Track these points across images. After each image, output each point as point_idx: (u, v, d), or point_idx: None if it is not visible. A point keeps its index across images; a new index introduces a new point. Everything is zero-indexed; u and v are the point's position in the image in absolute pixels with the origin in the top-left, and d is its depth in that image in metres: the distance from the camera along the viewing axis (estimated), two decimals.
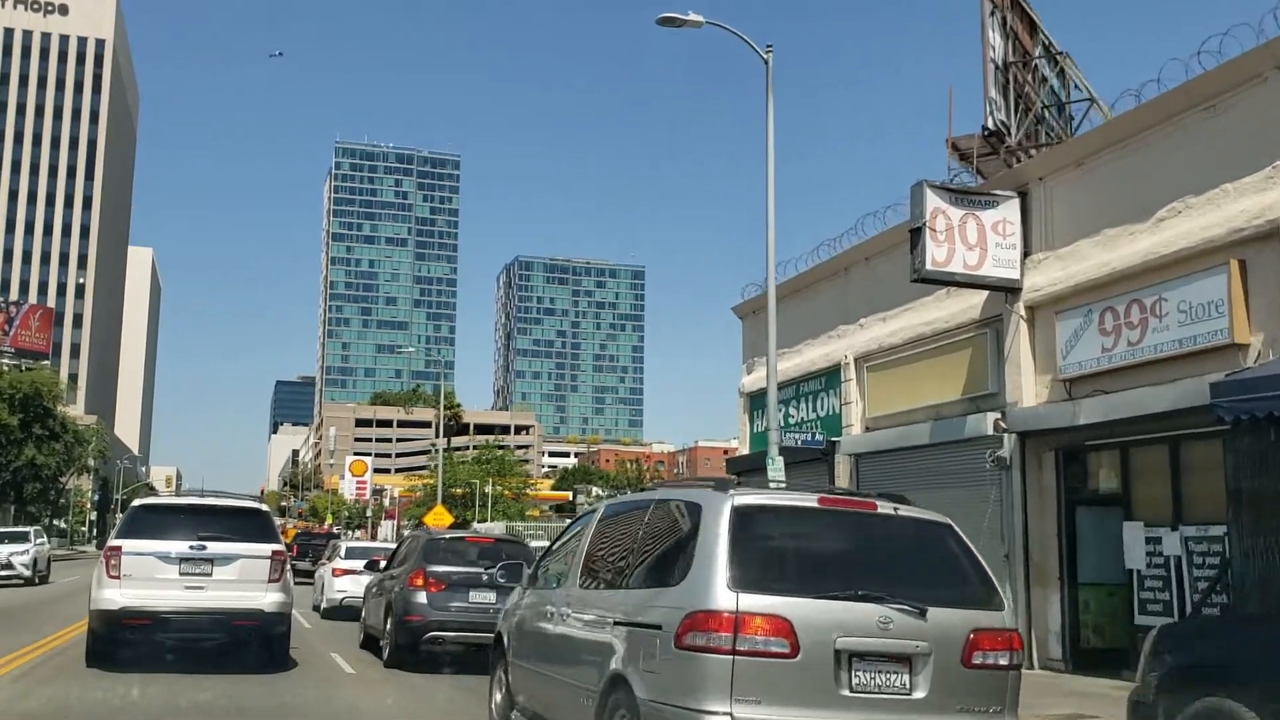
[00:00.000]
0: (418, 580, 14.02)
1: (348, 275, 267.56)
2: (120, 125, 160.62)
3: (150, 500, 15.10)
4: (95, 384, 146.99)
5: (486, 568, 13.11)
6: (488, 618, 12.32)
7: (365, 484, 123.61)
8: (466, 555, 14.56)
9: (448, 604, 13.71)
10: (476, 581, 13.59)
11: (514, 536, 22.82)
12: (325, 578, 21.61)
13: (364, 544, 30.13)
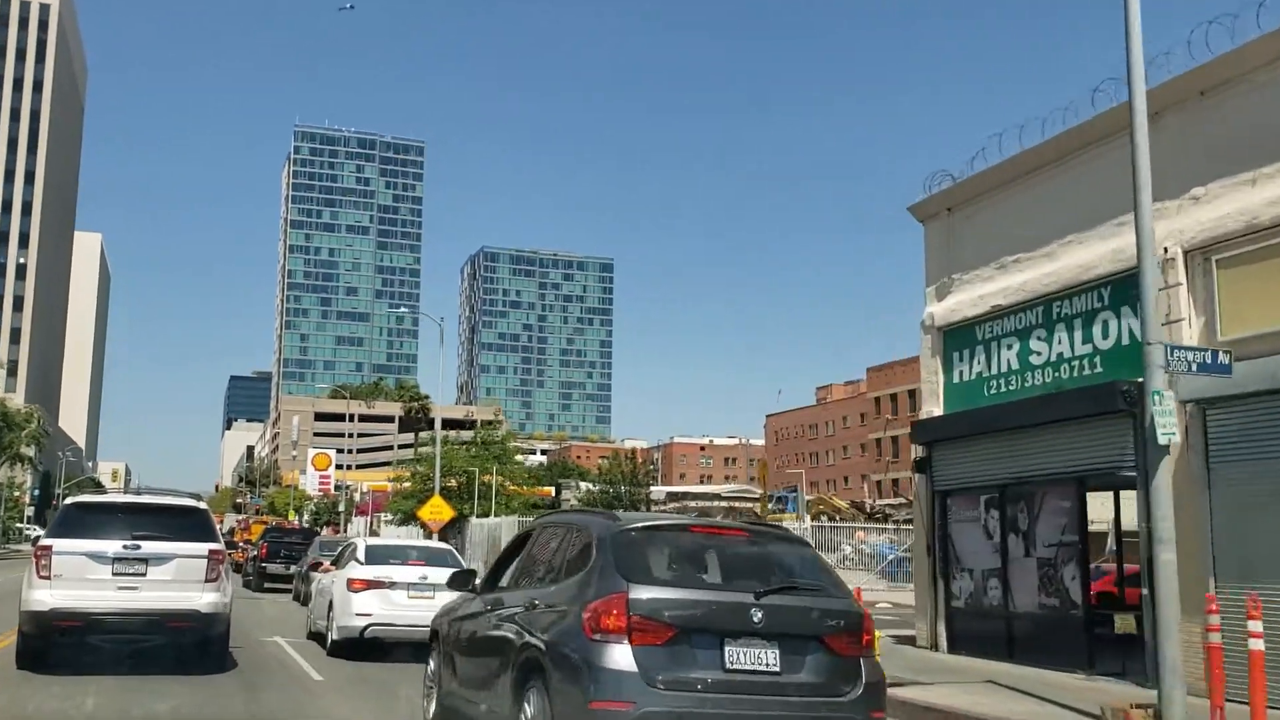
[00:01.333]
0: None
1: (306, 264, 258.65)
2: (66, 97, 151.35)
3: (84, 498, 14.59)
4: (37, 372, 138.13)
5: None
6: None
7: (329, 478, 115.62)
8: None
9: None
10: None
11: None
12: (334, 592, 14.67)
13: (399, 542, 22.77)
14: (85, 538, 12.04)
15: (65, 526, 12.37)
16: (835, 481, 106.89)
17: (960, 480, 15.94)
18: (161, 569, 12.04)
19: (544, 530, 8.42)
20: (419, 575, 14.59)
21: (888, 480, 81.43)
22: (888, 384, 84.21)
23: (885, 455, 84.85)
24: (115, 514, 12.75)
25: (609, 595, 6.48)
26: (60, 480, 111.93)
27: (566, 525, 8.00)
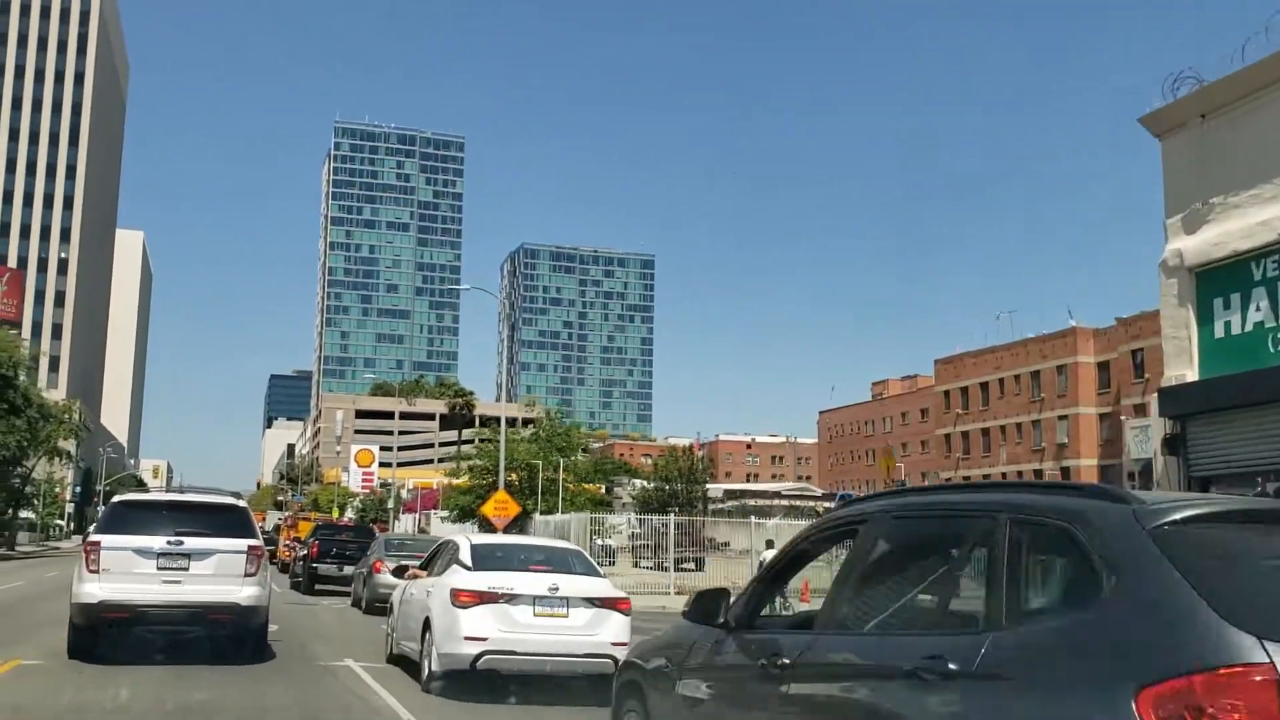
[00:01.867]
0: None
1: (347, 261, 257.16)
2: (107, 91, 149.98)
3: (130, 496, 15.18)
4: (78, 368, 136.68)
5: None
6: None
7: (372, 475, 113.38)
8: None
9: None
10: None
11: None
12: (433, 607, 11.32)
13: (515, 540, 18.30)
14: (131, 534, 12.60)
15: (112, 523, 12.93)
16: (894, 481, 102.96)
17: (1229, 463, 12.33)
18: (203, 564, 12.56)
19: (901, 523, 4.71)
20: (547, 585, 11.25)
21: (958, 479, 77.32)
22: (957, 377, 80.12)
23: (955, 451, 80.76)
24: (159, 511, 13.34)
25: (1219, 665, 2.92)
26: (101, 477, 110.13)
27: (982, 511, 4.18)
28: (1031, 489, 4.26)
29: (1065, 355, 69.77)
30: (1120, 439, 64.79)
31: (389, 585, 23.01)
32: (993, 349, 76.77)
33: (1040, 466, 68.37)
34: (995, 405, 76.07)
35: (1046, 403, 71.19)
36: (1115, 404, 65.97)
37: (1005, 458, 74.45)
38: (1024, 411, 73.31)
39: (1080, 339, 68.90)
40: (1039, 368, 71.91)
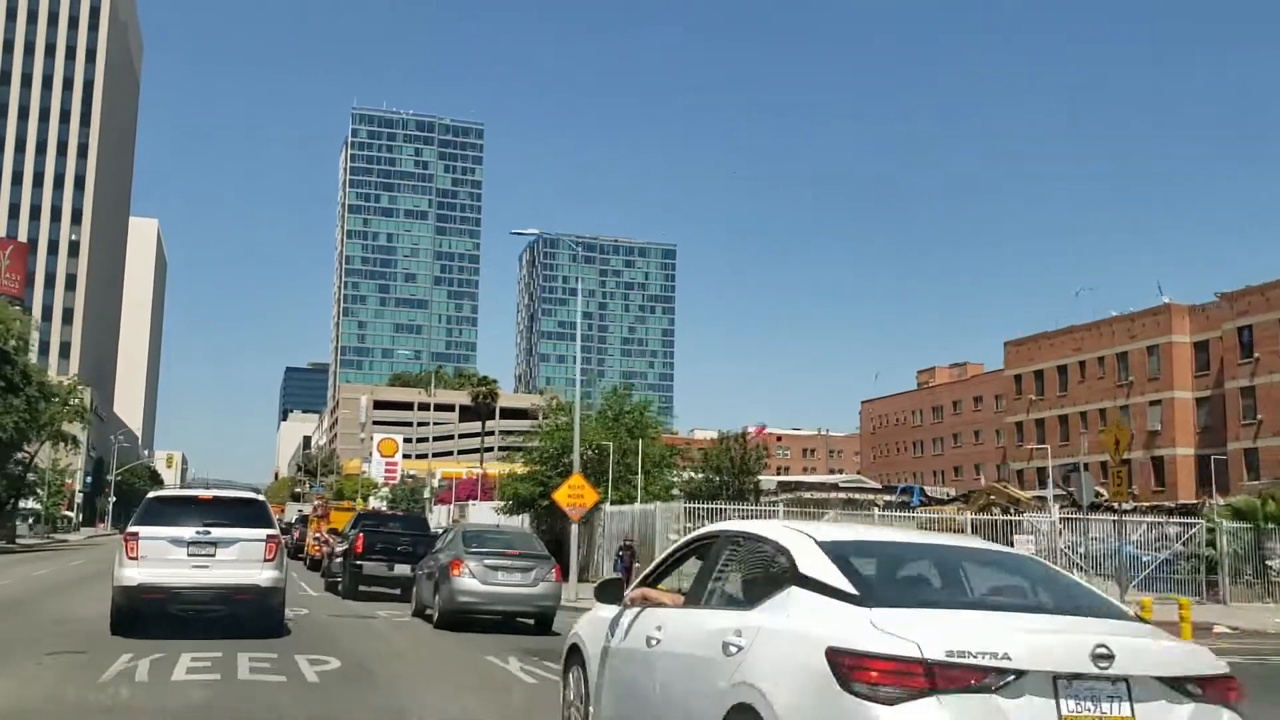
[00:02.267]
0: None
1: (364, 250, 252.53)
2: (120, 69, 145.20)
3: (163, 493, 17.43)
4: (90, 354, 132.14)
5: None
6: None
7: (395, 465, 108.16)
8: None
9: None
10: None
11: None
12: (779, 692, 5.02)
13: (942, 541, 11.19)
14: (165, 525, 14.46)
15: (148, 516, 14.83)
16: (944, 472, 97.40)
17: None
18: (228, 550, 14.37)
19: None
20: (1091, 650, 4.78)
21: (1030, 470, 71.62)
22: (1031, 360, 74.20)
23: (1029, 440, 74.83)
24: (189, 505, 15.48)
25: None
26: (114, 467, 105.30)
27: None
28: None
29: (1157, 334, 63.90)
30: (1224, 426, 59.14)
31: (473, 594, 17.73)
32: (1071, 329, 70.93)
33: (1129, 456, 62.43)
34: (1075, 390, 70.18)
35: (1135, 387, 65.34)
36: (1215, 387, 60.32)
37: (1087, 446, 68.54)
38: (1108, 396, 67.40)
39: (1175, 316, 63.09)
40: (1126, 349, 66.05)
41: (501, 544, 19.70)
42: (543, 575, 18.83)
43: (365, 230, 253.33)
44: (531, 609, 18.87)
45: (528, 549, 19.77)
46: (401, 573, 23.18)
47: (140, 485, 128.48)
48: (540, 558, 19.55)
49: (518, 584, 18.61)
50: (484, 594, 18.29)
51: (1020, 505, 47.72)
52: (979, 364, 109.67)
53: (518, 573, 18.67)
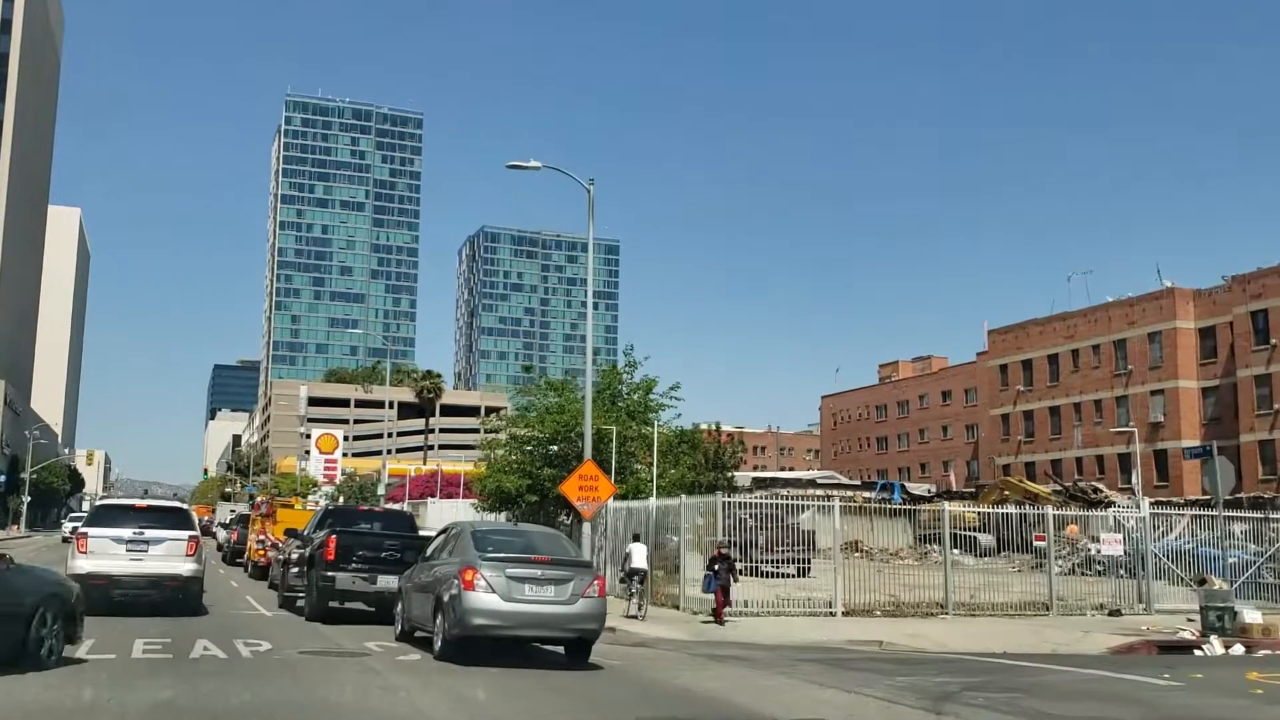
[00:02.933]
0: None
1: (298, 241, 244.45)
2: (38, 43, 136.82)
3: (108, 501, 24.29)
4: (5, 346, 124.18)
5: None
6: None
7: (335, 462, 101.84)
8: None
9: None
10: None
11: None
12: None
13: None
14: (108, 527, 18.77)
15: (95, 520, 19.44)
16: (910, 469, 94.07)
17: None
18: (158, 548, 18.51)
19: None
20: None
21: (1019, 465, 67.95)
22: (1018, 348, 70.38)
23: (1016, 433, 71.08)
24: (128, 511, 19.57)
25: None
26: (29, 464, 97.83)
27: None
28: None
29: (1160, 320, 60.32)
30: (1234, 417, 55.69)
31: (493, 615, 13.18)
32: (1064, 315, 67.20)
33: (1127, 449, 58.95)
34: (1068, 380, 66.50)
35: (1135, 376, 61.76)
36: (1224, 376, 56.91)
37: (1080, 439, 65.02)
38: (1105, 387, 63.78)
39: (1179, 301, 59.55)
40: (1125, 335, 62.41)
41: (524, 548, 14.87)
42: (582, 588, 14.14)
43: (299, 222, 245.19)
44: (568, 633, 14.17)
45: (559, 554, 15.01)
46: (386, 586, 18.14)
47: (58, 484, 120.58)
48: (577, 565, 14.85)
49: (551, 600, 13.97)
50: (507, 615, 13.64)
51: (1039, 499, 43.85)
52: (944, 357, 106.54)
53: (550, 585, 13.99)
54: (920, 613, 23.02)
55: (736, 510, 24.12)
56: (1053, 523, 26.34)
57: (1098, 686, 13.17)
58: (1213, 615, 19.92)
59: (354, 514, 23.86)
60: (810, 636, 19.21)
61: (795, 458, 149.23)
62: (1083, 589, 26.17)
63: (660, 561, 25.89)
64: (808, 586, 25.53)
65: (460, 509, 47.04)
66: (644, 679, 12.83)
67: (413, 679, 11.71)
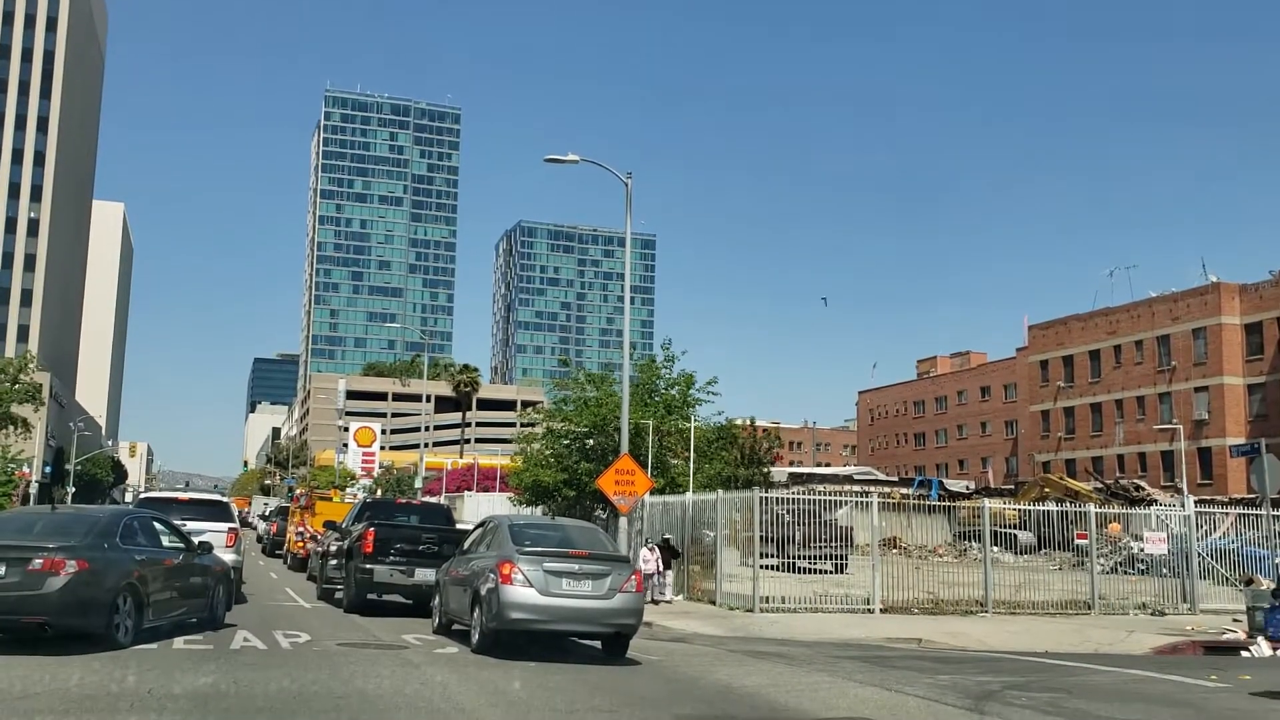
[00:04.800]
0: None
1: (337, 236, 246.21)
2: (83, 40, 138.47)
3: (152, 494, 27.02)
4: (50, 339, 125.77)
5: None
6: None
7: (373, 455, 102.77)
8: None
9: None
10: None
11: None
12: None
13: None
14: None
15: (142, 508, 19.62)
16: (948, 465, 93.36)
17: None
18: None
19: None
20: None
21: (1058, 461, 67.19)
22: (1059, 344, 69.54)
23: (1056, 430, 70.29)
24: (171, 504, 20.52)
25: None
26: (73, 456, 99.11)
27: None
28: None
29: (1204, 316, 59.44)
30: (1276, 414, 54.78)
31: (530, 609, 13.34)
32: (1106, 311, 66.32)
33: (1170, 447, 58.13)
34: (1110, 376, 65.64)
35: (1179, 372, 60.89)
36: (1271, 372, 55.97)
37: (1123, 436, 64.17)
38: (1148, 383, 62.94)
39: (1225, 296, 58.63)
40: (1168, 331, 61.54)
41: (561, 541, 14.87)
42: (619, 583, 14.11)
43: (338, 216, 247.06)
44: (605, 627, 14.14)
45: (596, 548, 14.97)
46: (424, 579, 18.26)
47: (102, 476, 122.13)
48: (615, 560, 14.79)
49: (588, 595, 13.94)
50: (545, 609, 13.61)
51: (1080, 497, 43.36)
52: (983, 353, 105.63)
53: (588, 580, 13.96)
54: (960, 610, 22.81)
55: (773, 505, 23.99)
56: (1095, 521, 26.03)
57: (1143, 687, 12.96)
58: (1260, 615, 19.54)
59: (392, 507, 24.05)
60: (848, 633, 19.07)
61: (831, 454, 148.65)
62: (1125, 588, 25.86)
63: (697, 556, 25.84)
64: (845, 583, 25.37)
65: (496, 502, 47.25)
66: (682, 675, 12.76)
67: (449, 672, 11.72)
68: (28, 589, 11.58)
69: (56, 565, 11.73)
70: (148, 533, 14.11)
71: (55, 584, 11.63)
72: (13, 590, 11.57)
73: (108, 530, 13.06)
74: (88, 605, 11.84)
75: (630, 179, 24.56)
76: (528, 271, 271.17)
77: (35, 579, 11.63)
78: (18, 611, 11.65)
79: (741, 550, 25.96)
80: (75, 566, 11.79)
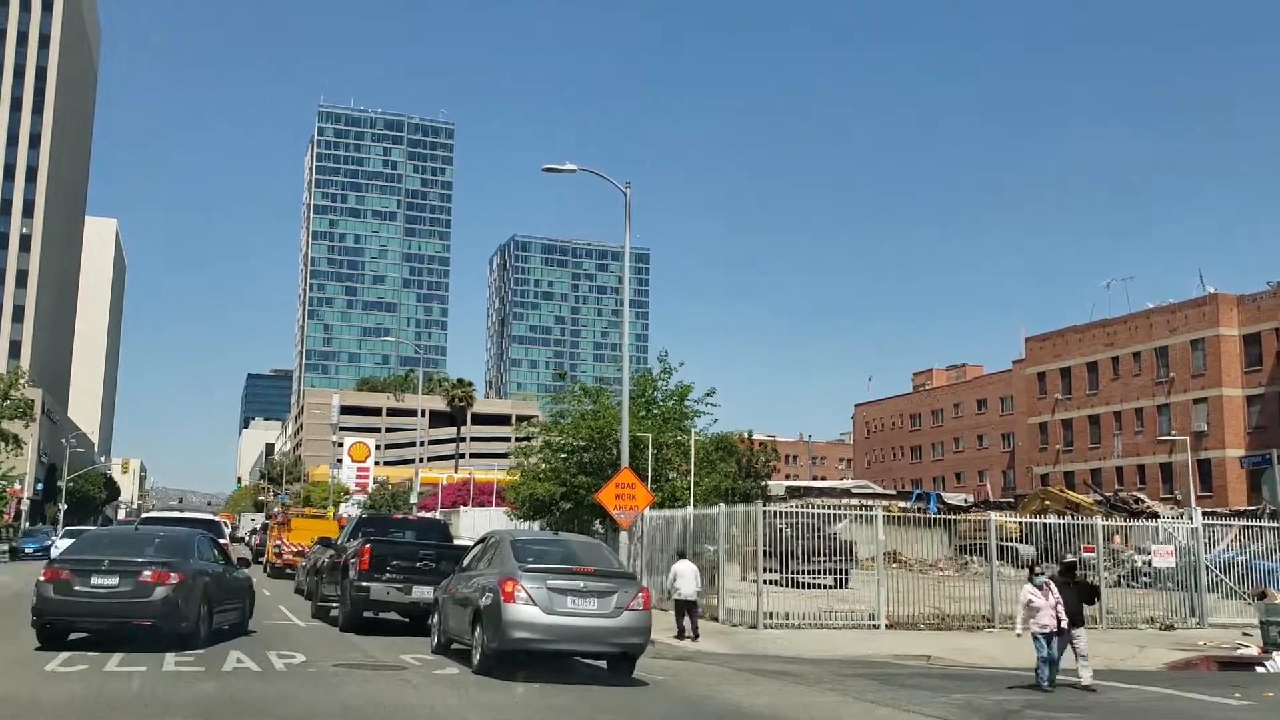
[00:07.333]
0: None
1: (331, 251, 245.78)
2: (76, 56, 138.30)
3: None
4: (43, 354, 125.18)
5: None
6: None
7: (368, 470, 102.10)
8: None
9: None
10: None
11: None
12: None
13: None
14: None
15: None
16: (944, 478, 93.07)
17: None
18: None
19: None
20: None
21: (1056, 474, 66.89)
22: (1056, 356, 69.31)
23: (1055, 442, 70.01)
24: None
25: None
26: (65, 472, 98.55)
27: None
28: None
29: (1203, 327, 59.22)
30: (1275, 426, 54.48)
31: (534, 628, 12.93)
32: (1104, 322, 66.08)
33: (1169, 459, 57.87)
34: (1107, 388, 65.39)
35: (1177, 384, 60.63)
36: (1270, 384, 55.71)
37: (1120, 449, 63.82)
38: (1146, 394, 62.68)
39: (1223, 307, 58.43)
40: (1166, 343, 61.30)
41: (566, 558, 14.47)
42: (626, 601, 13.70)
43: (332, 231, 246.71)
44: (612, 647, 13.72)
45: (601, 564, 14.57)
46: (421, 597, 17.86)
47: (94, 492, 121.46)
48: (621, 577, 14.37)
49: (594, 613, 13.52)
50: (549, 628, 13.19)
51: (1081, 510, 43.00)
52: (979, 366, 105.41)
53: (594, 598, 13.55)
54: (966, 626, 22.44)
55: (773, 520, 23.61)
56: (1101, 534, 25.69)
57: (1165, 705, 12.59)
58: (1274, 630, 19.22)
59: (388, 523, 23.67)
60: (854, 650, 18.69)
61: (828, 467, 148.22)
62: (1132, 601, 25.51)
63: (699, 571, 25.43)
64: (848, 598, 24.96)
65: (493, 517, 46.82)
66: (691, 695, 12.38)
67: (451, 694, 11.34)
68: (139, 597, 13.93)
69: (162, 577, 14.08)
70: (208, 550, 16.34)
71: (160, 593, 13.98)
72: (126, 598, 13.92)
73: (188, 548, 15.49)
74: (183, 611, 14.18)
75: (629, 188, 24.23)
76: (522, 286, 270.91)
77: (145, 588, 13.97)
78: (131, 616, 13.95)
79: (743, 565, 25.56)
80: (176, 579, 14.18)
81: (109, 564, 14.18)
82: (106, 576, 13.99)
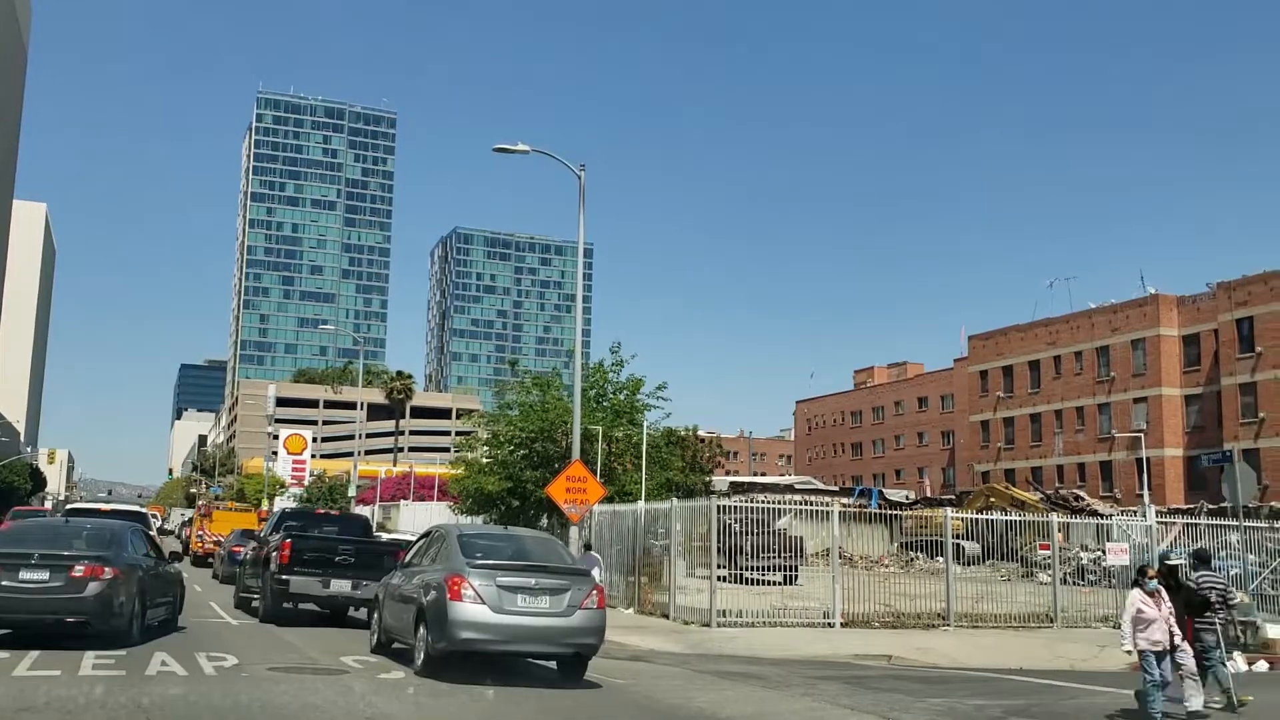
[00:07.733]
0: None
1: (268, 240, 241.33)
2: (4, 37, 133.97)
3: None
4: None
5: None
6: None
7: (304, 463, 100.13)
8: None
9: None
10: None
11: None
12: None
13: None
14: None
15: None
16: (884, 475, 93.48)
17: None
18: None
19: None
20: None
21: (997, 471, 67.23)
22: (999, 354, 69.65)
23: (996, 440, 70.37)
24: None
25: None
26: None
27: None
28: None
29: (1143, 327, 59.81)
30: (1217, 425, 55.11)
31: (482, 628, 12.48)
32: (1046, 322, 66.57)
33: (1110, 457, 58.33)
34: (1049, 386, 65.87)
35: (1118, 383, 61.17)
36: (1208, 384, 56.32)
37: (1061, 447, 64.29)
38: (1087, 393, 63.22)
39: (1163, 308, 59.03)
40: (1108, 342, 61.84)
41: (516, 553, 13.72)
42: (579, 599, 12.98)
43: (269, 220, 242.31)
44: (564, 648, 12.99)
45: (554, 560, 13.84)
46: (339, 591, 18.49)
47: (19, 484, 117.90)
48: (574, 574, 13.62)
49: (546, 612, 12.77)
50: (498, 628, 12.43)
51: (1026, 507, 42.99)
52: (919, 364, 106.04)
53: (545, 595, 12.81)
54: (922, 624, 22.01)
55: (723, 515, 22.99)
56: (1056, 531, 25.46)
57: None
58: (1233, 630, 18.94)
59: (310, 517, 23.40)
60: (813, 650, 18.12)
61: (768, 463, 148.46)
62: (1082, 600, 25.30)
63: (645, 567, 24.75)
64: (800, 595, 24.47)
65: (435, 511, 45.90)
66: (655, 701, 11.64)
67: (397, 702, 10.48)
68: (71, 592, 13.23)
69: (96, 571, 13.44)
70: (140, 543, 15.71)
71: (94, 589, 13.33)
72: (57, 593, 13.19)
73: (121, 541, 14.87)
74: (117, 607, 13.60)
75: (584, 171, 23.49)
76: (464, 279, 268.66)
77: (77, 584, 13.29)
78: (62, 612, 13.23)
79: (690, 561, 24.93)
80: (110, 573, 13.57)
81: (39, 558, 13.46)
82: (36, 571, 13.25)
